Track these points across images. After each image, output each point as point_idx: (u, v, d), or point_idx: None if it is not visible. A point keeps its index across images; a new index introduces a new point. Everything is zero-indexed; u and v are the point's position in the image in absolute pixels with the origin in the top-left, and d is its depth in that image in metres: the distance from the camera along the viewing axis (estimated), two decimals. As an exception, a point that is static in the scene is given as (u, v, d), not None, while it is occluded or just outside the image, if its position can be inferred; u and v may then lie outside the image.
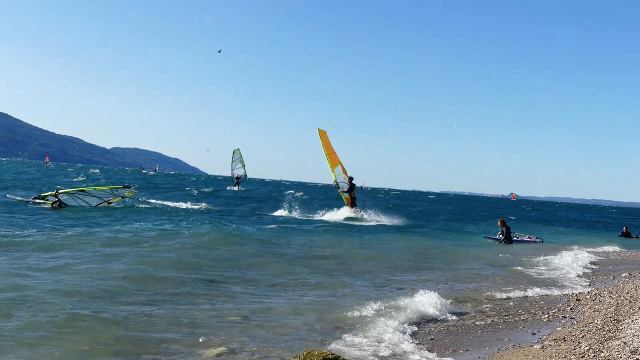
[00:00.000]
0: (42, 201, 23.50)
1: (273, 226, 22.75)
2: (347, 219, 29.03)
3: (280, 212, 31.03)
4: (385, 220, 29.89)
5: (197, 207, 31.50)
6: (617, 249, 23.98)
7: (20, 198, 24.73)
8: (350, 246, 17.77)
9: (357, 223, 28.08)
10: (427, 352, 6.82)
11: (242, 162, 59.35)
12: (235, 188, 56.72)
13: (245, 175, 60.91)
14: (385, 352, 6.68)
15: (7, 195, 25.47)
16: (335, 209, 30.76)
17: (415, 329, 7.90)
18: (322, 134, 31.90)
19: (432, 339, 7.57)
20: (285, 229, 21.84)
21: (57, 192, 24.12)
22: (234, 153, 59.66)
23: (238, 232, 18.53)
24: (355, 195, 30.80)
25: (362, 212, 30.40)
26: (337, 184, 30.90)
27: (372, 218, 30.03)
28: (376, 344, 6.99)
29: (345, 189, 30.56)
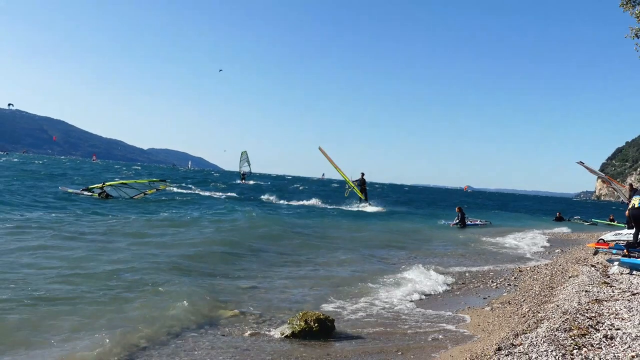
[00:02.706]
0: (90, 193, 22.74)
1: (287, 212, 22.81)
2: (350, 206, 28.95)
3: (291, 202, 30.99)
4: (378, 208, 29.58)
5: (224, 196, 31.68)
6: (553, 230, 24.11)
7: (71, 190, 23.61)
8: (348, 229, 17.73)
9: (356, 209, 27.98)
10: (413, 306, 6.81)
11: (248, 161, 59.43)
12: (242, 182, 56.76)
13: (250, 172, 60.99)
14: (369, 312, 6.71)
15: (60, 188, 24.35)
16: (341, 200, 30.67)
17: (398, 295, 7.83)
18: (321, 150, 31.54)
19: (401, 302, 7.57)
20: (297, 215, 21.91)
21: (103, 184, 23.82)
22: (241, 154, 59.72)
23: (260, 216, 18.39)
24: (366, 187, 30.50)
25: (369, 203, 30.11)
26: (350, 187, 30.52)
27: (372, 207, 29.79)
28: (361, 306, 7.01)
29: (356, 186, 30.18)
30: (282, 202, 30.71)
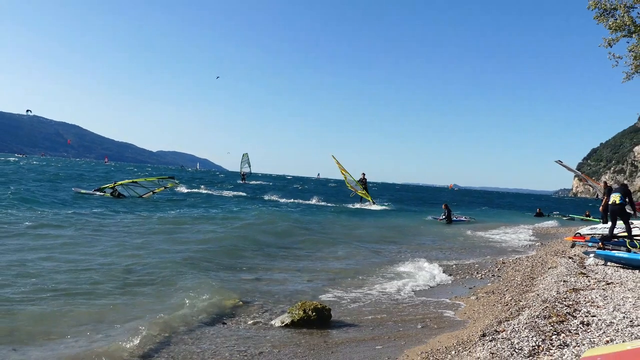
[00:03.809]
0: (102, 193, 22.35)
1: (290, 210, 22.85)
2: (348, 204, 28.69)
3: (293, 200, 30.91)
4: (383, 206, 29.34)
5: (232, 195, 31.91)
6: (534, 225, 24.12)
7: (84, 191, 23.01)
8: (346, 225, 17.71)
9: (354, 207, 27.78)
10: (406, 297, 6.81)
11: (248, 163, 59.79)
12: (243, 182, 57.01)
13: (250, 173, 61.43)
14: (364, 302, 6.71)
15: (73, 189, 23.55)
16: (339, 198, 30.47)
17: (391, 286, 7.80)
18: (334, 158, 30.72)
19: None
20: (299, 212, 21.96)
21: (114, 184, 23.60)
22: (243, 156, 60.18)
23: (266, 214, 18.33)
24: (367, 186, 29.98)
25: (373, 201, 29.66)
26: (355, 190, 29.84)
27: (377, 205, 29.49)
28: (357, 296, 7.01)
29: (359, 188, 29.48)
30: (284, 200, 30.67)
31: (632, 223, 11.17)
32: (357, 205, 28.61)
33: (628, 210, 10.97)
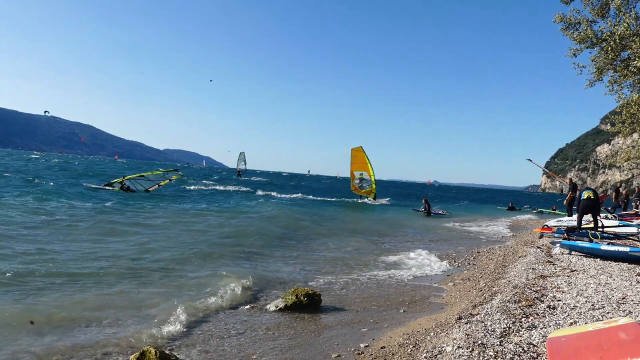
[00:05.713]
0: (111, 187, 21.82)
1: (289, 204, 22.86)
2: (342, 199, 28.40)
3: (292, 195, 30.85)
4: (383, 202, 29.13)
5: (237, 189, 32.04)
6: (507, 218, 24.26)
7: (94, 186, 22.43)
8: (339, 218, 17.74)
9: (353, 202, 27.54)
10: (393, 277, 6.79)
11: (244, 160, 60.64)
12: (239, 177, 57.40)
13: (246, 170, 62.32)
14: (352, 288, 6.68)
15: (84, 184, 23.03)
16: (333, 193, 30.36)
17: (377, 274, 7.79)
18: (358, 152, 28.06)
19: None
20: (297, 206, 21.93)
21: (123, 178, 23.24)
22: (239, 154, 61.20)
23: (270, 208, 18.12)
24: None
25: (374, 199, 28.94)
26: (360, 191, 28.76)
27: (378, 201, 29.21)
28: (345, 283, 6.98)
29: (359, 186, 28.60)
30: (283, 195, 30.63)
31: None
32: (358, 201, 28.19)
33: None
